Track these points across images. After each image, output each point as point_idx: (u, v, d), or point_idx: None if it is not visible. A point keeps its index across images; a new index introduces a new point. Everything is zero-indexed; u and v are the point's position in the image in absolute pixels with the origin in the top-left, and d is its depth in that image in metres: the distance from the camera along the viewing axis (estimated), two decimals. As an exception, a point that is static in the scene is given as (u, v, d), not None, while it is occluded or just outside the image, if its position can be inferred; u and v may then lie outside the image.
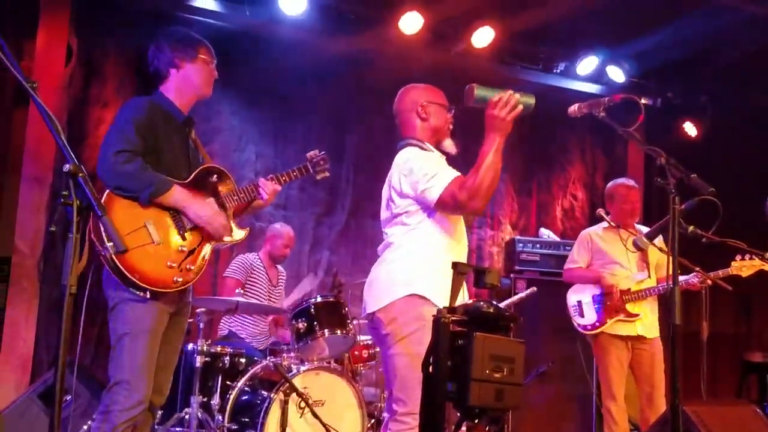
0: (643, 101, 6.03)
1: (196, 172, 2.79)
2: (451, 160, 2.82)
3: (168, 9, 5.06)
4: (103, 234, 2.40)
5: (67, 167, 1.80)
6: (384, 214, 2.79)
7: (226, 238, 2.79)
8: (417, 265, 2.59)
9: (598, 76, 6.08)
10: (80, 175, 1.79)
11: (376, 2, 5.32)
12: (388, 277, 2.64)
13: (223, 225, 2.74)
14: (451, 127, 2.84)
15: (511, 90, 2.55)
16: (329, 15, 5.24)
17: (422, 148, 2.74)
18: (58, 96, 4.80)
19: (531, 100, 2.57)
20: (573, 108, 2.67)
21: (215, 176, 2.83)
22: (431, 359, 1.95)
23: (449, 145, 2.82)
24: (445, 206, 2.60)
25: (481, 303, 2.03)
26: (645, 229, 4.18)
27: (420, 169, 2.61)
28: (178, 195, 2.64)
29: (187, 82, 2.81)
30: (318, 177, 3.10)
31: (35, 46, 4.77)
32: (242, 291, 4.39)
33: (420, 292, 2.53)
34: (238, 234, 2.86)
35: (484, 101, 2.55)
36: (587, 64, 5.93)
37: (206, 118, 5.50)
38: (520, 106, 2.54)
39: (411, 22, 5.27)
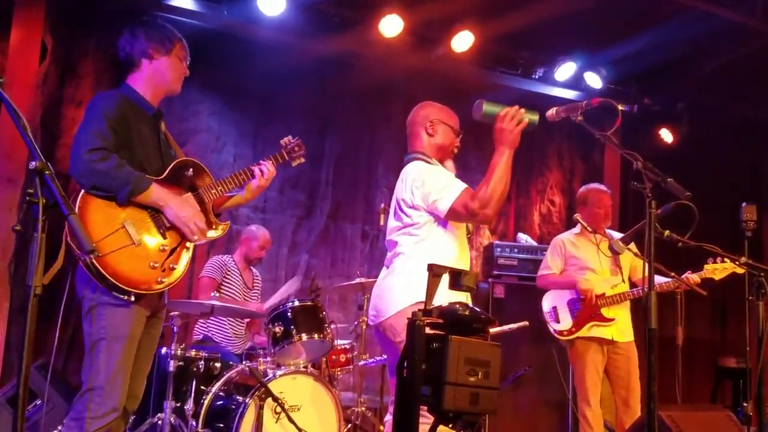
0: (620, 107, 6.08)
1: (170, 166, 2.69)
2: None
3: (145, 8, 4.99)
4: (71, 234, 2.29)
5: (33, 164, 1.75)
6: (392, 223, 2.91)
7: (210, 233, 2.73)
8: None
9: (576, 82, 6.12)
10: (47, 172, 1.75)
11: (356, 4, 5.31)
12: (399, 286, 2.74)
13: (201, 229, 2.66)
14: (455, 150, 2.99)
15: (517, 105, 2.70)
16: (309, 16, 5.21)
17: (429, 163, 2.87)
18: (31, 94, 4.72)
19: (535, 117, 2.71)
20: (551, 111, 2.69)
21: (191, 170, 2.74)
22: (406, 362, 1.93)
23: (450, 166, 2.97)
24: (457, 215, 2.72)
25: (457, 306, 2.01)
26: (616, 234, 4.21)
27: (432, 181, 2.75)
28: (156, 193, 2.55)
29: (158, 75, 2.71)
30: (293, 164, 3.08)
31: (9, 44, 4.68)
32: (217, 293, 4.34)
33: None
34: (215, 232, 2.78)
35: (492, 116, 2.70)
36: (565, 70, 5.97)
37: (183, 119, 5.45)
38: (526, 120, 2.68)
39: (391, 25, 5.26)
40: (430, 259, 2.56)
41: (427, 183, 2.75)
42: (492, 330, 3.79)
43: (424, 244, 2.75)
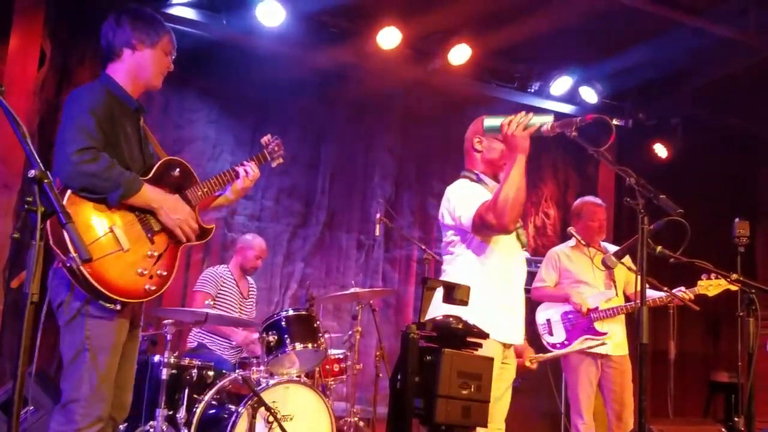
0: (614, 122, 6.13)
1: (156, 166, 2.58)
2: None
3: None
4: (68, 242, 2.15)
5: (32, 173, 1.75)
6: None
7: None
8: None
9: (571, 97, 6.16)
10: (45, 181, 1.75)
11: (355, 16, 5.35)
12: (435, 305, 2.70)
13: (194, 229, 2.59)
14: None
15: (523, 112, 2.67)
16: (307, 27, 5.25)
17: (472, 180, 2.86)
18: (29, 100, 4.73)
19: (547, 119, 2.66)
20: (546, 127, 2.70)
21: (177, 170, 2.64)
22: (399, 375, 1.94)
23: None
24: (478, 228, 2.70)
25: (450, 319, 2.02)
26: (611, 248, 4.22)
27: (456, 197, 2.77)
28: (149, 194, 2.45)
29: (140, 67, 2.56)
30: (273, 164, 3.01)
31: (7, 50, 4.70)
32: (212, 303, 4.34)
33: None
34: (205, 233, 2.69)
35: (495, 128, 2.70)
36: (561, 84, 6.02)
37: (179, 126, 5.47)
38: (536, 124, 2.64)
39: (389, 37, 5.30)
40: (463, 277, 2.56)
41: (452, 200, 2.78)
42: (547, 356, 3.87)
43: (458, 262, 2.78)
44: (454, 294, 2.07)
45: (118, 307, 2.38)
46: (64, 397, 2.36)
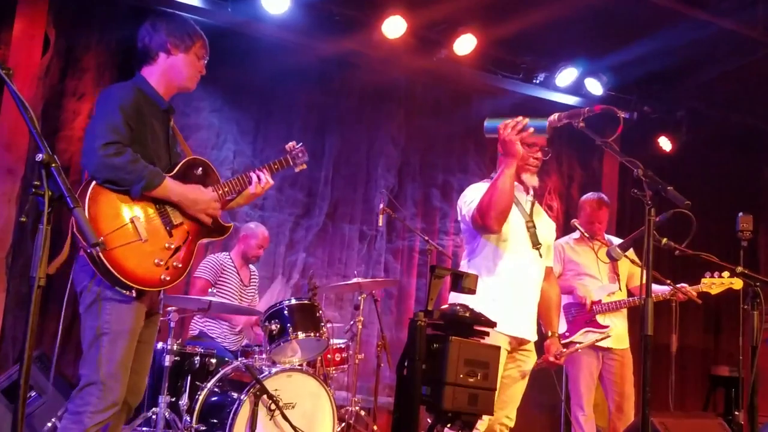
0: (620, 114, 6.11)
1: (180, 164, 2.70)
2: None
3: (150, 3, 4.99)
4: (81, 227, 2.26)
5: (40, 156, 1.76)
6: None
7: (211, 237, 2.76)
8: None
9: (576, 88, 6.14)
10: (53, 165, 1.76)
11: (360, 4, 5.32)
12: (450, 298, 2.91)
13: (216, 208, 2.70)
14: (535, 163, 2.95)
15: (519, 117, 2.75)
16: (312, 15, 5.22)
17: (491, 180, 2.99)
18: (33, 86, 4.71)
19: (541, 122, 2.72)
20: (553, 117, 2.71)
21: (200, 169, 2.75)
22: (406, 362, 1.94)
23: (527, 178, 2.98)
24: (474, 227, 2.89)
25: (458, 307, 2.02)
26: (615, 240, 4.22)
27: (467, 197, 2.95)
28: (171, 187, 2.57)
29: (174, 70, 2.71)
30: (297, 169, 3.09)
31: (12, 35, 4.68)
32: (214, 290, 4.35)
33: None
34: (225, 229, 2.80)
35: (493, 132, 2.79)
36: (566, 75, 5.99)
37: (185, 114, 5.44)
38: (531, 128, 2.71)
39: (394, 26, 5.28)
40: (472, 271, 2.65)
41: (462, 199, 2.98)
42: (569, 351, 3.88)
43: (470, 256, 2.95)
44: (462, 282, 2.08)
45: (134, 294, 2.47)
46: (83, 380, 2.44)
